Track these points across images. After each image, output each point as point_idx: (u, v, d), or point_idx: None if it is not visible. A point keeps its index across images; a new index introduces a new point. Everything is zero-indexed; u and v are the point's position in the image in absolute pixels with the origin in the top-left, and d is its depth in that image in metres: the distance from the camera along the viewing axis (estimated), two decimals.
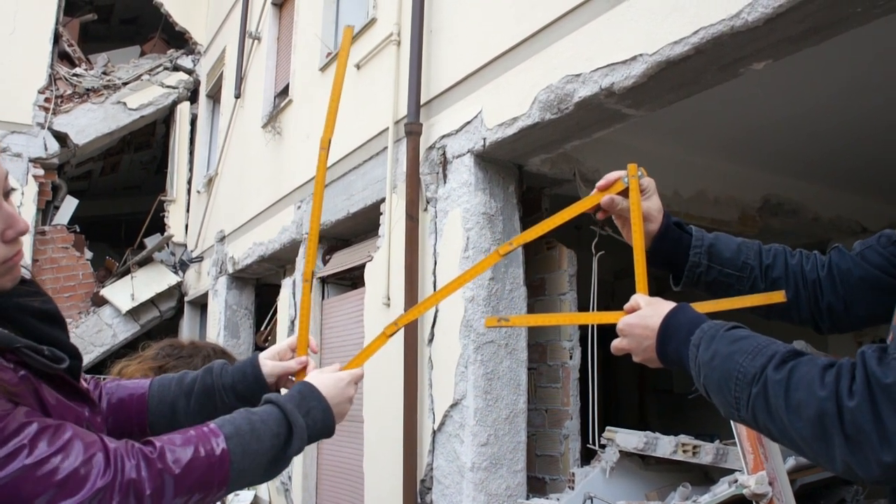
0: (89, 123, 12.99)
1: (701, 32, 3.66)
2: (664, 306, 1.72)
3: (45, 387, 1.50)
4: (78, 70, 13.34)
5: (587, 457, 5.43)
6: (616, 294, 10.52)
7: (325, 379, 1.84)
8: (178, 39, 14.98)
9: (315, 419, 1.75)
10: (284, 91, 9.50)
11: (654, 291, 1.87)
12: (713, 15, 3.59)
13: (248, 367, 2.00)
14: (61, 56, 13.42)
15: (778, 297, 1.95)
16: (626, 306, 1.80)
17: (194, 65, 14.48)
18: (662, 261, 2.04)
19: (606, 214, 2.03)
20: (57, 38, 13.21)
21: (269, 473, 1.67)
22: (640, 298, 1.80)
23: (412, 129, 5.66)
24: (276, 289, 9.53)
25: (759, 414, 1.43)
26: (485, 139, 5.11)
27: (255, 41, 10.73)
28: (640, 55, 3.98)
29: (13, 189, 1.55)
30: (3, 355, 1.43)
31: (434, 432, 5.32)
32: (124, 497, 1.41)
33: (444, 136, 5.58)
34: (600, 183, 2.01)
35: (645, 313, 1.73)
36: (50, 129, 12.51)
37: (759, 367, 1.44)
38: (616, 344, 1.80)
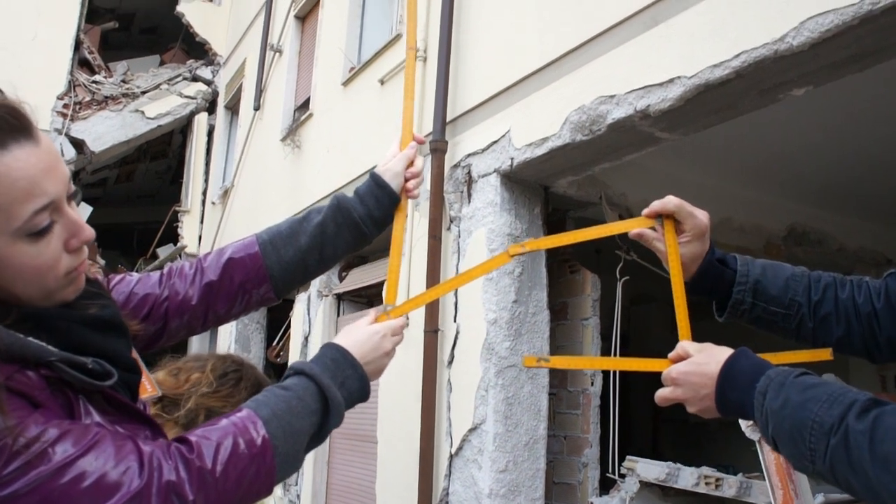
0: (107, 131, 12.98)
1: (742, 56, 3.57)
2: (721, 352, 1.62)
3: (84, 403, 1.33)
4: (97, 77, 13.34)
5: (606, 486, 5.31)
6: (633, 319, 10.43)
7: (357, 336, 1.71)
8: (198, 50, 15.00)
9: (351, 389, 1.63)
10: (305, 104, 9.43)
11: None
12: (756, 38, 3.50)
13: (377, 189, 1.94)
14: (81, 63, 13.43)
15: (824, 354, 1.85)
16: (672, 355, 1.70)
17: (213, 76, 14.47)
18: (703, 292, 1.93)
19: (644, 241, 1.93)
20: (77, 45, 13.23)
21: (306, 453, 1.56)
22: (688, 346, 1.69)
23: (437, 147, 5.57)
24: (288, 304, 9.44)
25: (838, 466, 1.32)
26: (512, 159, 5.01)
27: (277, 54, 10.70)
28: (678, 77, 3.89)
29: (77, 192, 1.42)
30: (38, 370, 1.27)
31: (451, 456, 5.20)
32: (164, 501, 1.26)
33: (469, 155, 5.48)
34: (646, 212, 1.91)
35: (700, 360, 1.63)
36: (67, 135, 12.49)
37: (838, 417, 1.34)
38: (665, 394, 1.69)
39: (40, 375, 1.27)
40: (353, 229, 1.92)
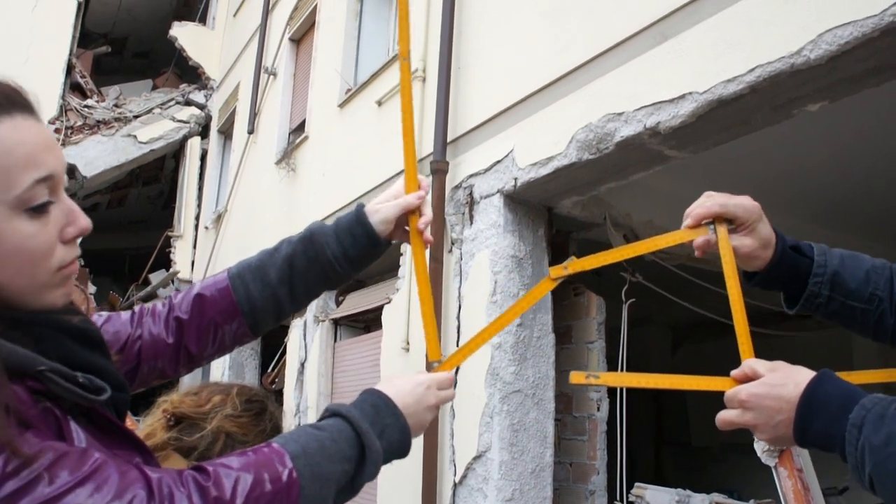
0: (98, 155, 12.89)
1: (757, 70, 3.47)
2: (799, 373, 1.44)
3: (77, 425, 1.16)
4: (89, 102, 13.27)
5: None
6: (633, 343, 10.29)
7: (400, 385, 1.54)
8: (191, 74, 14.94)
9: (390, 440, 1.45)
10: (300, 127, 9.34)
11: (672, 344, 1.60)
12: (772, 52, 3.40)
13: (357, 227, 1.71)
14: (73, 87, 13.37)
15: None
16: (737, 373, 1.51)
17: (206, 100, 14.40)
18: (775, 284, 1.75)
19: (705, 253, 1.72)
20: (70, 69, 13.18)
21: None
22: (756, 364, 1.49)
23: (438, 168, 5.45)
24: (283, 330, 9.29)
25: None
26: (516, 179, 4.90)
27: (271, 77, 10.62)
28: (690, 93, 3.78)
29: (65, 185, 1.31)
30: (24, 382, 1.11)
31: (455, 485, 5.05)
32: None
33: (471, 176, 5.37)
34: (689, 223, 1.72)
35: (774, 382, 1.44)
36: None
37: None
38: (731, 418, 1.49)
39: (27, 389, 1.11)
40: (326, 267, 1.73)
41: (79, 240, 1.26)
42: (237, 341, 1.75)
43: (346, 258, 1.71)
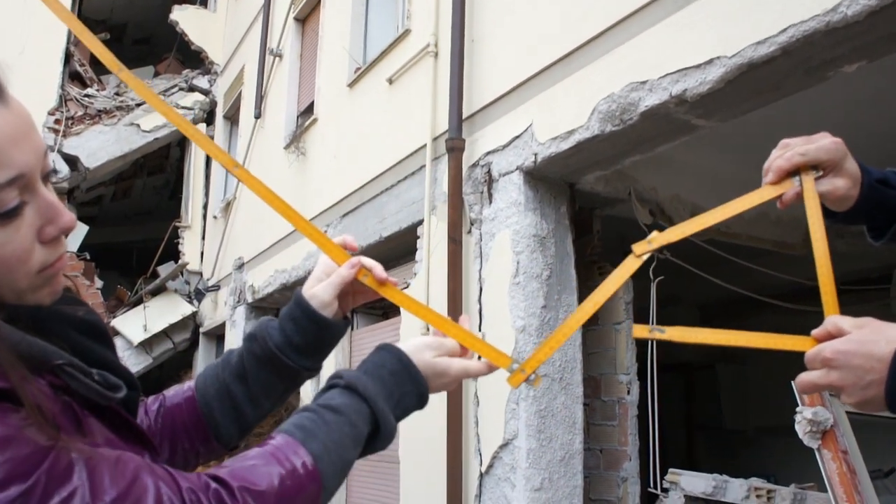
0: (101, 146, 12.65)
1: (790, 30, 3.29)
2: (892, 330, 1.27)
3: (94, 421, 1.09)
4: (89, 91, 13.04)
5: (648, 502, 5.01)
6: (660, 323, 10.04)
7: (423, 349, 1.43)
8: (194, 59, 14.72)
9: (406, 406, 1.39)
10: (309, 109, 9.17)
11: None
12: (805, 10, 3.22)
13: (297, 312, 1.51)
14: (72, 76, 13.15)
15: None
16: (818, 332, 1.35)
17: (210, 85, 14.19)
18: (860, 220, 1.62)
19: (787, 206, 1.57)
20: (68, 58, 12.97)
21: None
22: (841, 321, 1.33)
23: (454, 146, 5.26)
24: None
25: None
26: (536, 154, 4.71)
27: (277, 58, 10.43)
28: (718, 58, 3.60)
29: (55, 171, 1.10)
30: (43, 376, 1.02)
31: (481, 475, 4.89)
32: None
33: (489, 153, 5.18)
34: (771, 178, 1.56)
35: (863, 338, 1.28)
36: (60, 151, 12.15)
37: None
38: (813, 379, 1.33)
39: (48, 384, 1.03)
40: (274, 361, 1.53)
41: (64, 238, 1.12)
42: (208, 451, 1.60)
43: (291, 347, 1.52)
